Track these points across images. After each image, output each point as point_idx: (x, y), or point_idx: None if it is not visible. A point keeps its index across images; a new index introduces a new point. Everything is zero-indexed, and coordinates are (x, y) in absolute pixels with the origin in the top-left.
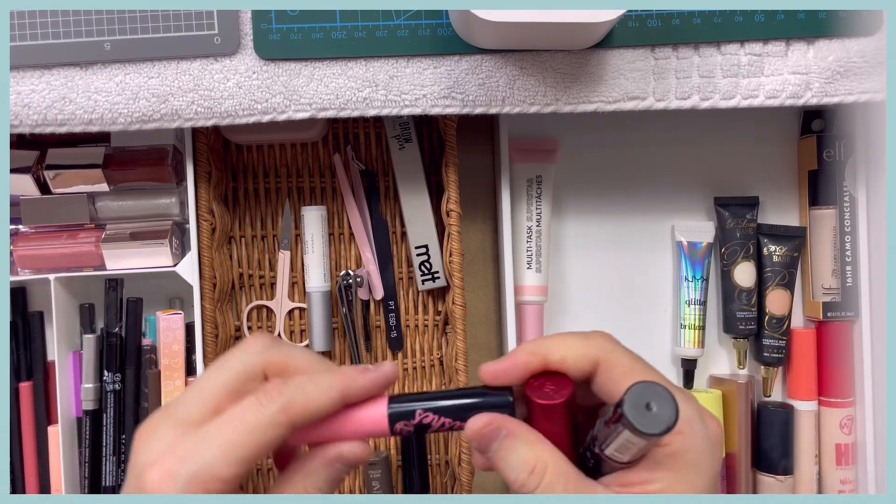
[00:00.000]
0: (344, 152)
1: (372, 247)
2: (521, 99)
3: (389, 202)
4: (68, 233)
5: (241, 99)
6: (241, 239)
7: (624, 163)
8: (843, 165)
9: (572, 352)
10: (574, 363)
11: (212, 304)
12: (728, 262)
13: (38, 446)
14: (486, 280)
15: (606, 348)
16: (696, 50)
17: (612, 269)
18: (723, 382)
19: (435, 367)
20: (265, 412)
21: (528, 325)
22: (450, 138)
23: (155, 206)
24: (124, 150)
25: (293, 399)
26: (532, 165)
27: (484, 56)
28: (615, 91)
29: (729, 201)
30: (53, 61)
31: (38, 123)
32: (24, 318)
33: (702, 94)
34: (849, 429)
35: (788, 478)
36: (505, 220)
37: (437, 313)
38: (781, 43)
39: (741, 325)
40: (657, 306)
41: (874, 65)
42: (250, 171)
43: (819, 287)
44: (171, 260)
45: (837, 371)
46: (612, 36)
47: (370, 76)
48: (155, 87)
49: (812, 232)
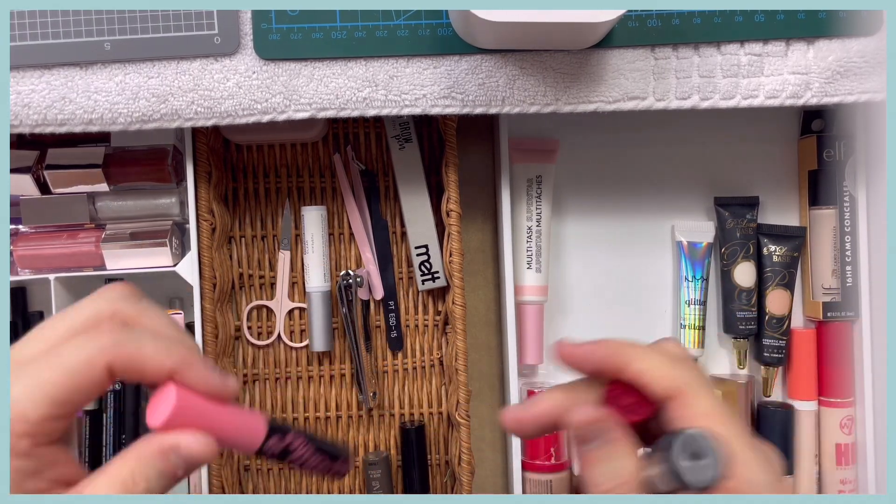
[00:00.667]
0: (344, 152)
1: (372, 247)
2: (521, 99)
3: (389, 202)
4: (68, 233)
5: (241, 99)
6: (241, 239)
7: (624, 163)
8: (843, 165)
9: (654, 372)
10: (651, 384)
11: (212, 304)
12: (728, 262)
13: None
14: (486, 280)
15: (692, 382)
16: (696, 50)
17: (612, 268)
18: (723, 382)
19: (435, 367)
20: (84, 350)
21: (528, 325)
22: (450, 138)
23: (155, 206)
24: (124, 150)
25: (121, 344)
26: (532, 165)
27: (484, 56)
28: (615, 91)
29: (729, 201)
30: (53, 61)
31: (38, 123)
32: (24, 318)
33: (702, 94)
34: (849, 429)
35: (788, 478)
36: (505, 220)
37: (437, 313)
38: (781, 43)
39: (741, 325)
40: (657, 306)
41: (874, 65)
42: (250, 171)
43: (819, 287)
44: (171, 260)
45: (837, 371)
46: (612, 36)
47: (370, 76)
48: (155, 87)
49: (812, 232)
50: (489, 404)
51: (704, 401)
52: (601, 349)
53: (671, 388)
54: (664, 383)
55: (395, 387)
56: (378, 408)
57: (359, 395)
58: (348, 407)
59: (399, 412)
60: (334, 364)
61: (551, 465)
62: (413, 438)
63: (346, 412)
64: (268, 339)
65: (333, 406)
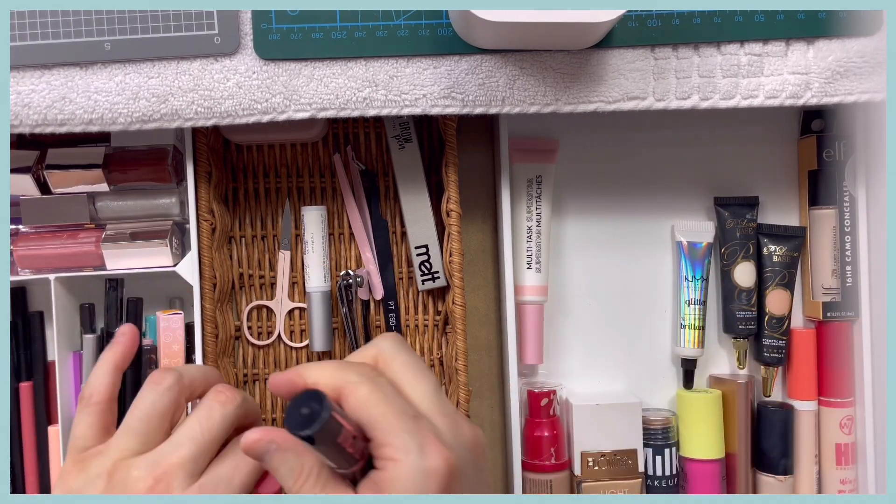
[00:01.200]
0: (344, 152)
1: (372, 247)
2: (521, 99)
3: (389, 202)
4: (68, 233)
5: (241, 99)
6: (241, 239)
7: (624, 163)
8: (843, 165)
9: (320, 381)
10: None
11: (212, 304)
12: (728, 262)
13: (38, 446)
14: (486, 280)
15: (351, 380)
16: (695, 50)
17: (612, 269)
18: (723, 382)
19: (435, 367)
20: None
21: (528, 325)
22: (450, 138)
23: (155, 206)
24: (124, 150)
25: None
26: (532, 165)
27: (484, 56)
28: (615, 91)
29: (729, 201)
30: (53, 61)
31: (38, 123)
32: (24, 318)
33: (702, 94)
34: (849, 429)
35: (788, 478)
36: (505, 220)
37: (437, 313)
38: (781, 43)
39: (741, 324)
40: (657, 306)
41: (874, 65)
42: (250, 171)
43: (819, 287)
44: (171, 260)
45: (837, 371)
46: (612, 36)
47: (370, 76)
48: (155, 87)
49: (812, 232)
50: (489, 404)
51: (359, 392)
52: (288, 376)
53: (335, 390)
54: (328, 390)
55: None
56: None
57: None
58: None
59: None
60: None
61: (551, 465)
62: None
63: None
64: (268, 340)
65: None
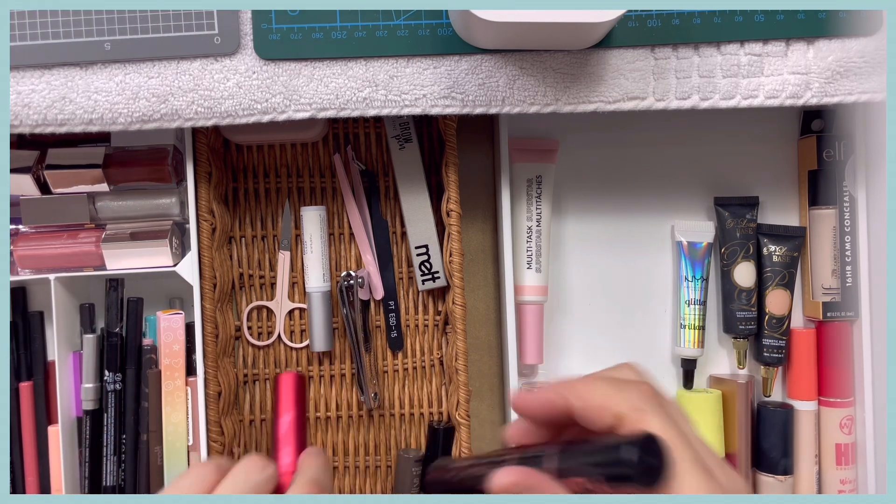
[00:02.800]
0: (344, 152)
1: (372, 247)
2: (521, 99)
3: (389, 202)
4: (68, 233)
5: (241, 99)
6: (241, 239)
7: (624, 163)
8: (843, 165)
9: (596, 402)
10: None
11: (212, 304)
12: (728, 262)
13: (38, 446)
14: (486, 280)
15: (637, 406)
16: (696, 50)
17: (612, 268)
18: (723, 382)
19: (435, 367)
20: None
21: (528, 325)
22: (450, 138)
23: (155, 206)
24: (124, 150)
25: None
26: (532, 165)
27: (484, 56)
28: (615, 91)
29: (729, 201)
30: (53, 61)
31: (38, 123)
32: (25, 318)
33: (702, 94)
34: (849, 429)
35: (788, 478)
36: (505, 220)
37: (437, 313)
38: (781, 43)
39: (741, 324)
40: (657, 306)
41: (874, 65)
42: (250, 171)
43: (819, 287)
44: (172, 260)
45: (837, 371)
46: (612, 36)
47: (370, 76)
48: (155, 87)
49: (812, 232)
50: (489, 404)
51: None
52: (546, 394)
53: (614, 416)
54: (604, 416)
55: (396, 387)
56: (378, 408)
57: (360, 395)
58: (349, 407)
59: (399, 412)
60: (334, 364)
61: None
62: (440, 438)
63: (346, 412)
64: (268, 340)
65: (334, 406)
